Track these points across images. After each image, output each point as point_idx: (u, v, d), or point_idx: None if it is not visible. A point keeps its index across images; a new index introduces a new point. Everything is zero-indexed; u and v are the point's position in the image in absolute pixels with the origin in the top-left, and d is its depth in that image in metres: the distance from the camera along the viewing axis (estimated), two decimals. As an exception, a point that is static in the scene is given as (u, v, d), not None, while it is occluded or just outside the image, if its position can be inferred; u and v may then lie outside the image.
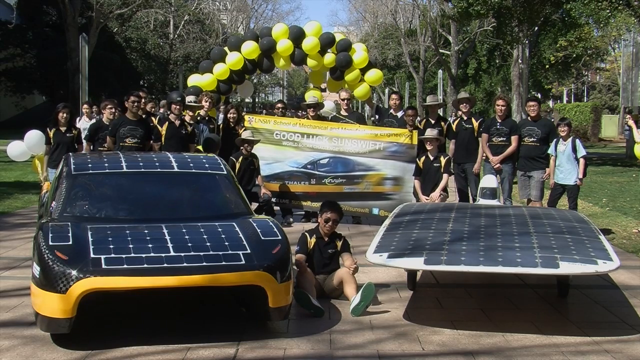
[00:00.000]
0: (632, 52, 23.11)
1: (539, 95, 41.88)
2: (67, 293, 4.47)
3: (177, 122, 9.14)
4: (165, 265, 4.68)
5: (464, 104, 9.70)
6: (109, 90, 31.67)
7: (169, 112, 9.59)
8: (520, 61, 24.35)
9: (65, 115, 9.33)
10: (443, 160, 9.06)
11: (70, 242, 4.81)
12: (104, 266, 4.60)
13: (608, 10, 19.34)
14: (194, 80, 10.85)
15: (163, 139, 8.97)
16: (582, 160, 8.78)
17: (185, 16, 42.03)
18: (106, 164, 6.29)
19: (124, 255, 4.71)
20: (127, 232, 5.08)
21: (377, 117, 11.17)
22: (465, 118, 9.70)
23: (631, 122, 9.85)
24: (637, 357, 4.72)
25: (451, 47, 35.32)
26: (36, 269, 4.70)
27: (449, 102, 28.51)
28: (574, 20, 25.51)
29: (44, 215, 5.94)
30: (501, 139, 9.28)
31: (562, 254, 5.00)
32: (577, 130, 31.79)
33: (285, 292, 4.94)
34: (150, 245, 4.87)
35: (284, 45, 10.50)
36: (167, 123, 9.14)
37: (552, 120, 9.45)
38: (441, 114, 11.39)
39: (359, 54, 10.67)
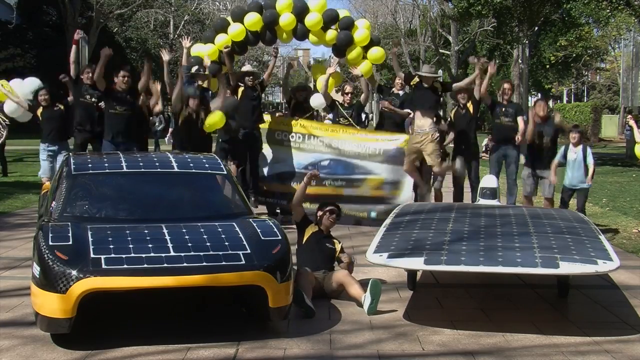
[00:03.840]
0: (632, 52, 23.09)
1: (539, 95, 41.91)
2: (67, 293, 4.47)
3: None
4: (165, 265, 4.68)
5: (462, 95, 9.71)
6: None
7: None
8: (520, 61, 24.37)
9: (45, 97, 9.44)
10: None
11: (70, 242, 4.81)
12: (104, 266, 4.60)
13: (608, 10, 19.37)
14: (196, 49, 10.72)
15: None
16: (591, 167, 8.88)
17: (185, 16, 42.01)
18: (106, 164, 6.30)
19: (124, 255, 4.71)
20: (127, 232, 5.08)
21: (380, 96, 11.09)
22: (462, 105, 9.69)
23: (632, 122, 9.88)
24: (637, 357, 4.72)
25: (451, 47, 35.32)
26: (36, 269, 4.70)
27: (449, 102, 28.52)
28: (574, 20, 25.53)
29: (44, 215, 5.94)
30: (508, 119, 9.33)
31: (562, 254, 5.00)
32: (577, 130, 31.69)
33: (285, 292, 4.94)
34: (150, 245, 4.87)
35: (286, 19, 10.37)
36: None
37: (552, 116, 9.51)
38: (441, 113, 11.33)
39: (361, 31, 10.55)
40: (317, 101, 10.65)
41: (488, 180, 8.22)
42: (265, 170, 9.86)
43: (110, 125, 8.82)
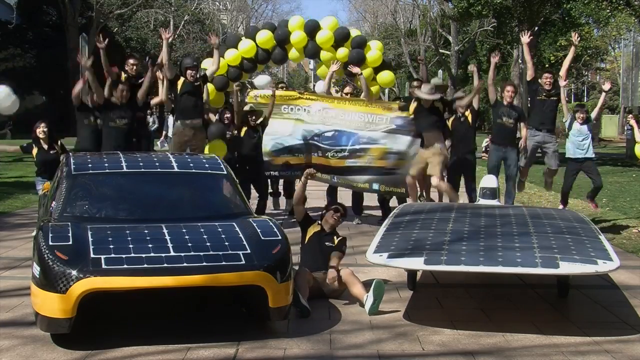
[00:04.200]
0: (632, 52, 23.11)
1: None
2: (67, 293, 4.47)
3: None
4: (165, 265, 4.68)
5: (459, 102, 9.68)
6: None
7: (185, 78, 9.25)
8: (520, 61, 24.36)
9: (43, 129, 8.74)
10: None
11: (70, 242, 4.81)
12: (104, 266, 4.60)
13: (608, 10, 19.39)
14: (205, 64, 10.72)
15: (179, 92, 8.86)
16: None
17: (185, 16, 41.99)
18: (106, 164, 6.29)
19: (124, 255, 4.71)
20: (127, 232, 5.08)
21: None
22: (459, 114, 9.52)
23: (633, 122, 9.90)
24: (637, 357, 4.73)
25: (451, 47, 35.32)
26: (36, 269, 4.70)
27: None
28: (574, 20, 25.52)
29: (44, 215, 5.94)
30: (511, 120, 9.27)
31: (562, 254, 5.00)
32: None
33: (285, 292, 4.94)
34: (150, 245, 4.87)
35: (297, 36, 10.40)
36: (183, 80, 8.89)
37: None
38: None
39: (373, 52, 10.54)
40: (319, 90, 10.80)
41: (488, 180, 8.20)
42: (274, 143, 9.86)
43: (109, 140, 8.54)
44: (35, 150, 8.81)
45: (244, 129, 9.53)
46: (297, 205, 6.47)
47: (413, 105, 9.10)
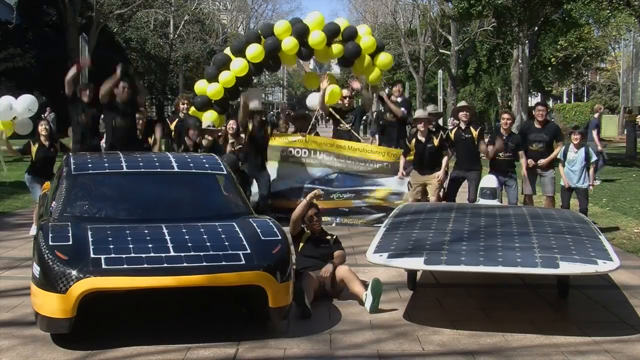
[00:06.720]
0: (632, 52, 23.07)
1: (539, 95, 41.92)
2: (67, 293, 4.47)
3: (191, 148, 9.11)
4: (165, 265, 4.69)
5: (464, 112, 9.38)
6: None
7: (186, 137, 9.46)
8: (520, 61, 24.34)
9: (45, 127, 9.04)
10: (436, 140, 9.13)
11: (70, 242, 4.82)
12: (104, 266, 4.60)
13: (608, 10, 19.39)
14: (200, 86, 10.57)
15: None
16: (591, 167, 8.97)
17: (185, 16, 41.94)
18: (106, 164, 6.30)
19: (124, 255, 4.71)
20: (127, 232, 5.09)
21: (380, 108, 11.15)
22: (463, 127, 9.35)
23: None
24: (637, 357, 4.73)
25: (451, 47, 35.29)
26: (36, 269, 4.70)
27: (449, 103, 28.48)
28: (574, 20, 25.56)
29: (44, 215, 5.94)
30: (508, 153, 9.13)
31: (562, 254, 5.00)
32: (577, 130, 31.64)
33: (285, 292, 4.95)
34: (150, 246, 4.87)
35: (289, 44, 10.12)
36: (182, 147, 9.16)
37: (553, 119, 9.46)
38: (440, 123, 11.01)
39: (366, 39, 10.40)
40: (312, 102, 10.72)
41: (488, 180, 8.19)
42: (272, 187, 9.83)
43: (112, 138, 8.85)
44: (35, 147, 9.03)
45: (249, 125, 9.56)
46: (296, 222, 6.26)
47: (412, 142, 9.29)
